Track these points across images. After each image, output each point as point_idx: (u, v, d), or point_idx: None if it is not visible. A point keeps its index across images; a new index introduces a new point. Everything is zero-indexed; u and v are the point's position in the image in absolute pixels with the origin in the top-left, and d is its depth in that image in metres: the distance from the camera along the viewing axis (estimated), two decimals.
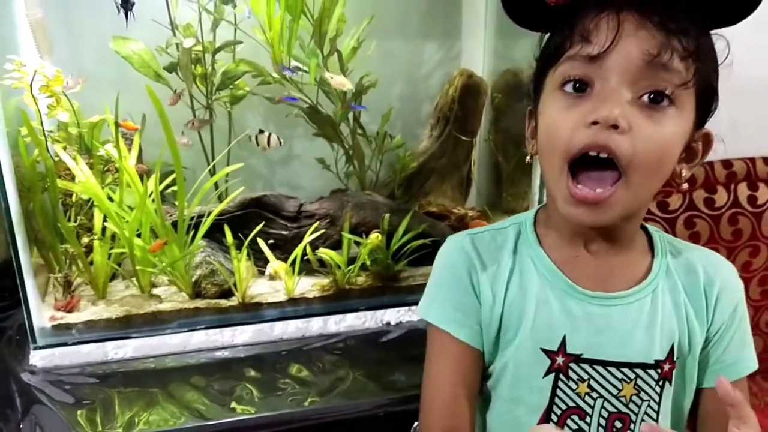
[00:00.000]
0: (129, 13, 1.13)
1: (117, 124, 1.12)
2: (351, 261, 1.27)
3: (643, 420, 0.75)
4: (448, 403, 0.77)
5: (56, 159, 1.14)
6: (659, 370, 0.74)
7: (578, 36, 0.65)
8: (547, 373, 0.74)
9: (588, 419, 0.75)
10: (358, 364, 1.10)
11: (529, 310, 0.75)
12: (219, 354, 1.13)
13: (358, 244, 1.27)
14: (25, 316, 1.06)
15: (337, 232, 1.29)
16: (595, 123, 0.63)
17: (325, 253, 1.24)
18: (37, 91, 1.08)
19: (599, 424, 0.75)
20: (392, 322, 1.22)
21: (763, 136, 1.50)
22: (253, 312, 1.20)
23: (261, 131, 1.29)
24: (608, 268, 0.74)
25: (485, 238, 0.80)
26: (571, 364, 0.74)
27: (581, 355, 0.73)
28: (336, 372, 1.08)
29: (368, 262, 1.27)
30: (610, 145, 0.63)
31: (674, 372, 0.75)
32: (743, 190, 1.45)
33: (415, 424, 0.99)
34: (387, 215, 1.26)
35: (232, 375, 1.07)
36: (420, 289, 0.83)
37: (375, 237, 1.25)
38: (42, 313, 1.12)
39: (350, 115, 1.35)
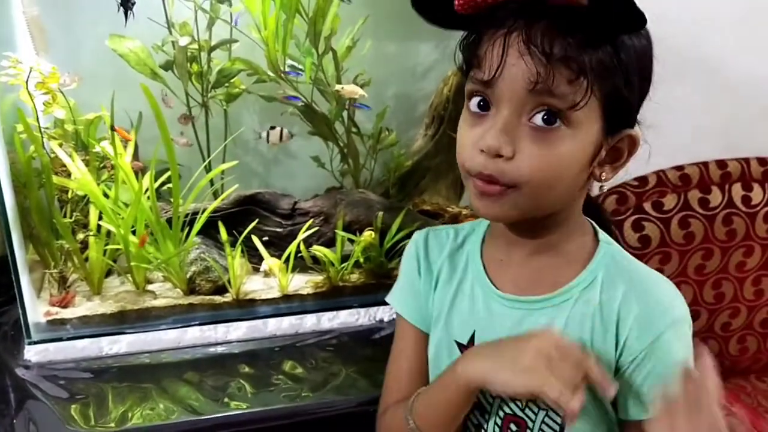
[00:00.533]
0: (129, 12, 1.14)
1: (113, 127, 1.12)
2: (345, 258, 1.27)
3: (540, 430, 0.75)
4: (402, 379, 0.85)
5: (52, 156, 1.14)
6: None
7: (474, 59, 0.67)
8: None
9: (486, 416, 0.78)
10: (351, 361, 1.11)
11: (449, 302, 0.81)
12: (213, 350, 1.14)
13: (351, 241, 1.28)
14: (20, 311, 1.06)
15: (331, 229, 1.30)
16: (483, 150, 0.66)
17: (318, 250, 1.25)
18: (33, 88, 1.09)
19: (496, 424, 0.77)
20: (385, 319, 1.23)
21: (758, 137, 1.51)
22: (247, 308, 1.21)
23: (272, 127, 1.30)
24: (529, 273, 0.77)
25: (441, 233, 0.86)
26: None
27: None
28: (329, 368, 1.09)
29: (362, 260, 1.28)
30: (494, 174, 0.66)
31: None
32: (737, 191, 1.46)
33: None
34: (380, 213, 1.27)
35: (225, 371, 1.08)
36: None
37: (368, 235, 1.26)
38: (37, 309, 1.13)
39: (345, 114, 1.36)
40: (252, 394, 1.02)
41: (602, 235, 0.79)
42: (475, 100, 0.68)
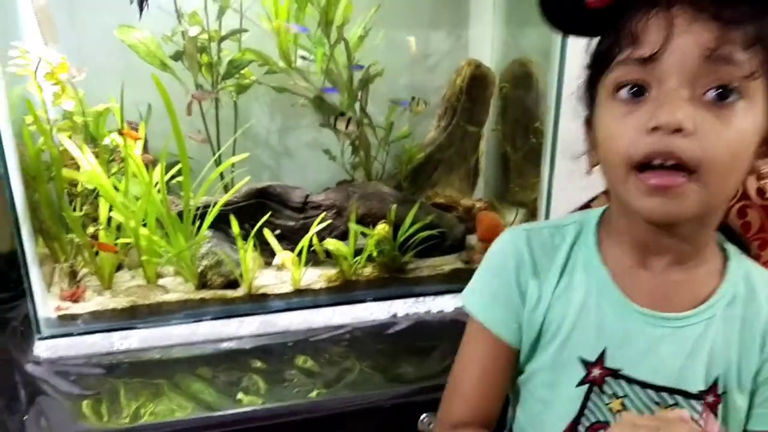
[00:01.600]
0: (144, 5, 1.12)
1: (121, 131, 1.11)
2: (358, 252, 1.26)
3: None
4: (472, 395, 0.75)
5: (61, 148, 1.13)
6: (702, 402, 0.69)
7: (627, 38, 0.60)
8: (581, 383, 0.71)
9: None
10: (365, 356, 1.10)
11: (571, 316, 0.71)
12: (225, 345, 1.12)
13: (364, 235, 1.26)
14: (30, 306, 1.05)
15: (344, 223, 1.28)
16: (656, 129, 0.58)
17: (331, 244, 1.23)
18: (41, 79, 1.07)
19: None
20: (399, 314, 1.21)
21: None
22: (259, 303, 1.19)
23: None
24: (666, 285, 0.69)
25: (543, 235, 0.75)
26: (608, 378, 0.70)
27: (620, 370, 0.69)
28: (342, 363, 1.07)
29: (375, 254, 1.26)
30: (674, 151, 0.58)
31: (720, 406, 0.69)
32: (752, 183, 1.44)
33: (423, 416, 0.98)
34: (394, 206, 1.25)
35: (238, 366, 1.06)
36: (428, 280, 0.83)
37: (382, 228, 1.24)
38: (47, 304, 1.12)
39: (357, 105, 1.34)
40: (265, 389, 1.00)
41: (726, 243, 0.72)
42: (625, 89, 0.61)
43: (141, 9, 1.11)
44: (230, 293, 1.20)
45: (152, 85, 1.08)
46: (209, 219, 1.18)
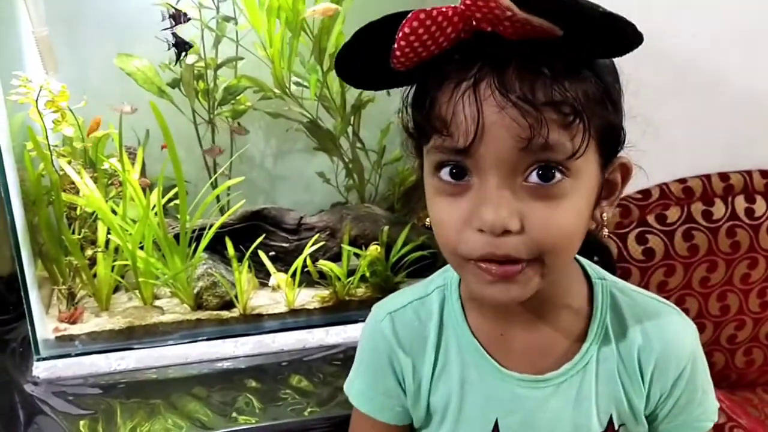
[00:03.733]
0: (184, 54, 1.17)
1: (120, 153, 1.14)
2: (351, 273, 1.28)
3: None
4: None
5: (61, 173, 1.16)
6: None
7: (437, 121, 0.55)
8: None
9: None
10: None
11: (456, 395, 0.69)
12: (220, 365, 1.14)
13: (357, 256, 1.29)
14: (29, 327, 1.07)
15: (337, 244, 1.30)
16: (483, 230, 0.55)
17: (325, 265, 1.25)
18: (42, 107, 1.10)
19: None
20: None
21: (760, 149, 1.52)
22: (254, 323, 1.21)
23: None
24: (537, 344, 0.67)
25: (407, 315, 0.72)
26: None
27: None
28: (336, 382, 1.09)
29: (368, 274, 1.28)
30: (509, 253, 0.55)
31: None
32: (740, 203, 1.46)
33: None
34: (386, 227, 1.28)
35: (233, 386, 1.08)
36: None
37: (374, 249, 1.26)
38: (46, 325, 1.14)
39: (349, 130, 1.37)
40: (260, 408, 1.02)
41: (589, 268, 0.71)
42: (447, 170, 0.56)
43: (178, 58, 1.18)
44: (225, 314, 1.22)
45: (150, 112, 1.11)
46: (205, 241, 1.20)
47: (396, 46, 0.52)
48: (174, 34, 1.16)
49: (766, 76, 1.49)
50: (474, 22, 0.52)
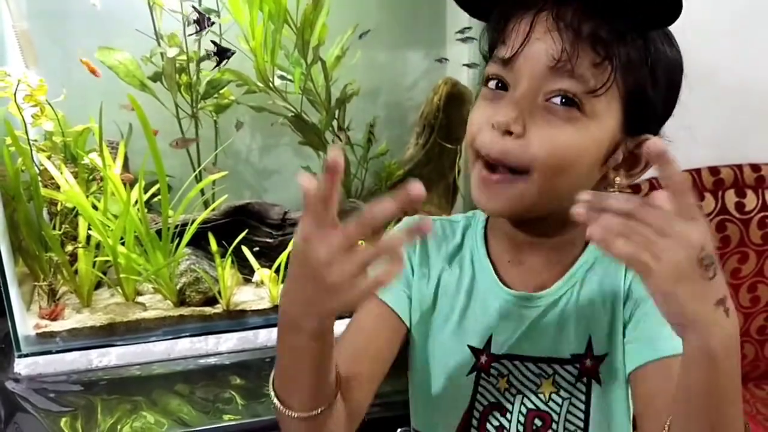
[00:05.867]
0: (225, 61, 1.18)
1: (101, 148, 1.12)
2: None
3: (567, 420, 0.72)
4: (351, 356, 0.71)
5: (41, 168, 1.14)
6: (578, 366, 0.72)
7: (500, 37, 0.65)
8: (471, 371, 0.74)
9: (508, 416, 0.74)
10: None
11: (461, 308, 0.75)
12: (203, 361, 1.13)
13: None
14: (10, 324, 1.06)
15: None
16: (494, 126, 0.63)
17: None
18: (21, 101, 1.09)
19: (518, 421, 0.74)
20: None
21: (750, 143, 1.52)
22: (237, 319, 1.20)
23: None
24: (536, 267, 0.73)
25: (440, 225, 0.80)
26: (493, 364, 0.74)
27: (505, 353, 0.73)
28: None
29: None
30: (503, 152, 0.63)
31: (601, 368, 0.71)
32: (731, 197, 1.46)
33: (398, 430, 0.99)
34: None
35: (216, 382, 1.07)
36: None
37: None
38: (26, 322, 1.13)
39: (334, 124, 1.36)
40: (243, 405, 1.02)
41: None
42: (493, 82, 0.66)
43: (219, 64, 1.19)
44: (209, 310, 1.21)
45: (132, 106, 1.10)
46: (187, 237, 1.19)
47: None
48: (214, 42, 1.18)
49: (756, 70, 1.49)
50: None
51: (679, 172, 0.48)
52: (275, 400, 0.62)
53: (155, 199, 1.23)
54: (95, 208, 1.15)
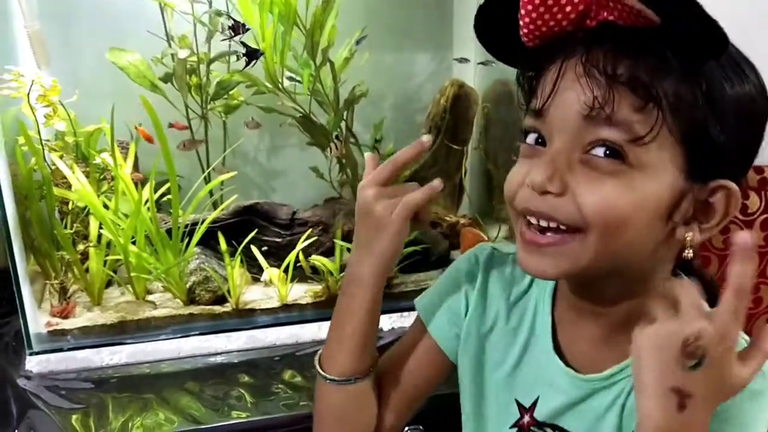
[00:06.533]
0: (254, 62, 1.20)
1: (112, 148, 1.14)
2: (343, 268, 1.28)
3: None
4: (394, 370, 0.77)
5: (53, 167, 1.15)
6: None
7: (531, 88, 0.60)
8: (514, 425, 0.71)
9: None
10: None
11: (515, 359, 0.71)
12: (213, 359, 1.14)
13: (350, 251, 1.28)
14: (22, 322, 1.07)
15: (330, 239, 1.31)
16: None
17: (317, 260, 1.26)
18: (34, 101, 1.10)
19: None
20: (384, 328, 1.24)
21: None
22: (246, 318, 1.22)
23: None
24: (596, 341, 0.66)
25: (506, 261, 0.75)
26: (533, 428, 0.69)
27: (547, 421, 0.68)
28: None
29: None
30: (547, 211, 0.56)
31: None
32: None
33: (405, 429, 1.00)
34: None
35: (225, 380, 1.08)
36: (412, 295, 0.84)
37: None
38: (38, 320, 1.14)
39: (342, 124, 1.37)
40: (252, 403, 1.02)
41: None
42: (532, 136, 0.59)
43: (248, 64, 1.20)
44: (218, 309, 1.22)
45: (143, 106, 1.11)
46: (197, 236, 1.20)
47: (520, 18, 0.57)
48: (243, 43, 1.19)
49: (760, 70, 1.49)
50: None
51: (752, 276, 0.46)
52: (319, 370, 0.74)
53: (165, 199, 1.24)
54: (106, 207, 1.16)
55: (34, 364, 1.08)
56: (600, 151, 0.54)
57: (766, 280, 1.50)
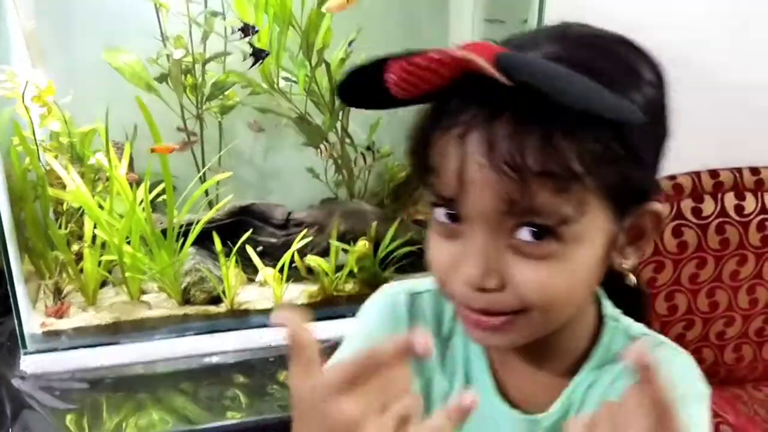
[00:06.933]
0: (261, 62, 1.21)
1: (107, 148, 1.13)
2: (339, 268, 1.28)
3: None
4: None
5: (48, 168, 1.15)
6: None
7: (428, 165, 0.51)
8: None
9: None
10: None
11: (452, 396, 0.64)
12: (208, 360, 1.14)
13: (345, 251, 1.29)
14: (16, 322, 1.07)
15: (325, 239, 1.31)
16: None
17: (313, 260, 1.26)
18: (29, 101, 1.10)
19: None
20: None
21: (749, 147, 1.52)
22: (241, 318, 1.21)
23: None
24: (533, 379, 0.63)
25: (425, 300, 0.67)
26: None
27: None
28: None
29: (356, 270, 1.28)
30: (486, 307, 0.52)
31: None
32: (730, 200, 1.47)
33: None
34: (374, 223, 1.28)
35: (220, 381, 1.08)
36: None
37: (362, 245, 1.27)
38: (33, 320, 1.14)
39: (338, 125, 1.37)
40: (246, 403, 1.02)
41: (607, 308, 0.64)
42: (441, 211, 0.52)
43: (254, 64, 1.21)
44: (213, 309, 1.22)
45: (137, 107, 1.11)
46: (192, 236, 1.20)
47: (388, 84, 0.49)
48: (250, 44, 1.19)
49: (756, 73, 1.50)
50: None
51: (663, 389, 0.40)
52: None
53: (160, 199, 1.24)
54: (101, 207, 1.16)
55: (28, 364, 1.08)
56: (527, 235, 0.49)
57: (762, 282, 1.50)
